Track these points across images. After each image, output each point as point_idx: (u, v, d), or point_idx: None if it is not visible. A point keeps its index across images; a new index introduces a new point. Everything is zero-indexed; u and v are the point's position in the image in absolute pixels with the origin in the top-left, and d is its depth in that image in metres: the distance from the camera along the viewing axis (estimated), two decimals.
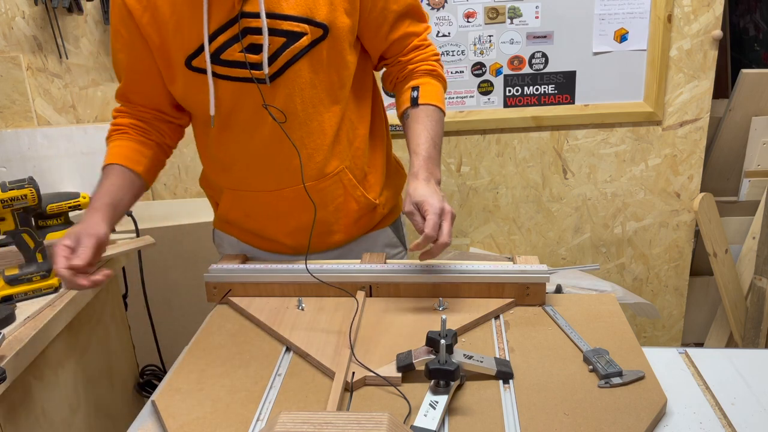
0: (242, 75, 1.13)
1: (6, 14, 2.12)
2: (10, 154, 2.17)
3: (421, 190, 1.10)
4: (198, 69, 1.14)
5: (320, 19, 1.12)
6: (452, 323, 1.06)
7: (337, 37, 1.15)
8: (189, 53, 1.13)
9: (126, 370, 1.56)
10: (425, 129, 1.20)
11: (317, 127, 1.20)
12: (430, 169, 1.16)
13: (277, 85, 1.15)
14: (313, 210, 1.21)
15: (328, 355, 0.99)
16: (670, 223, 2.38)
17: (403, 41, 1.25)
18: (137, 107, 1.25)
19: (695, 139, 2.27)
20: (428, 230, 1.04)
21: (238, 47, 1.11)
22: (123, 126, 1.25)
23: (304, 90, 1.16)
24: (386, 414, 0.75)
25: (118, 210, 1.16)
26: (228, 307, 1.20)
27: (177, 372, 0.99)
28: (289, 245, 1.32)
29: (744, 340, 2.32)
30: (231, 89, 1.15)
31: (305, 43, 1.13)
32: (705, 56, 2.17)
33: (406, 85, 1.25)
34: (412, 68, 1.26)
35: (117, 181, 1.18)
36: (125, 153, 1.22)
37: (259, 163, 1.23)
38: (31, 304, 1.19)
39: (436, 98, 1.24)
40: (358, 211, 1.30)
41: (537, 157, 2.31)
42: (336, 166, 1.24)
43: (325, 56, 1.16)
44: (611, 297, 1.18)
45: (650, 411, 0.85)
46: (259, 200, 1.27)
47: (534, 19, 2.14)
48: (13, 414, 1.06)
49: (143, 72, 1.20)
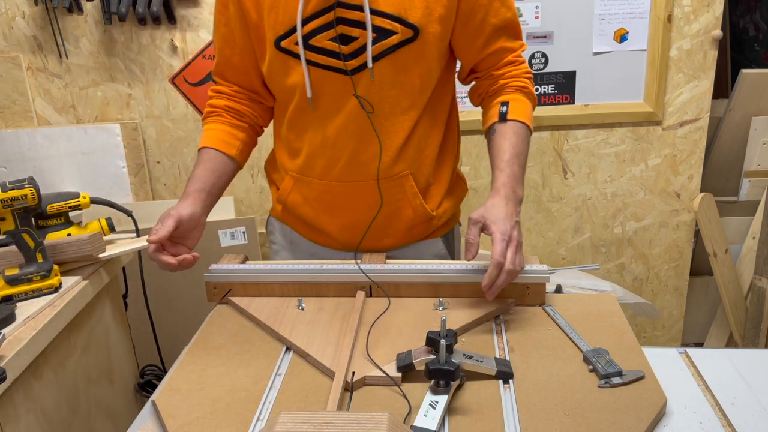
0: (326, 62, 1.14)
1: (6, 14, 2.12)
2: (10, 154, 2.17)
3: (497, 210, 1.08)
4: (286, 50, 1.15)
5: (413, 21, 1.12)
6: (452, 323, 1.06)
7: (427, 41, 1.14)
8: (279, 34, 1.14)
9: (126, 370, 1.56)
10: (511, 146, 1.18)
11: (389, 128, 1.20)
12: (513, 187, 1.14)
13: (358, 79, 1.15)
14: (375, 208, 1.23)
15: (328, 355, 0.99)
16: (670, 223, 2.38)
17: (498, 56, 1.23)
18: (232, 87, 1.28)
19: (695, 139, 2.27)
20: (496, 256, 1.03)
21: (328, 35, 1.12)
22: (218, 108, 1.28)
23: (383, 88, 1.16)
24: (386, 414, 0.75)
25: (211, 193, 1.21)
26: (228, 307, 1.20)
27: (177, 372, 0.99)
28: (340, 240, 1.32)
29: (744, 340, 2.32)
30: (313, 75, 1.16)
31: (393, 41, 1.13)
32: (705, 56, 2.17)
33: (495, 100, 1.24)
34: (503, 83, 1.24)
35: (210, 165, 1.23)
36: (220, 136, 1.25)
37: (328, 152, 1.22)
38: (31, 304, 1.19)
39: (525, 115, 1.22)
40: (413, 219, 1.29)
41: (537, 157, 2.31)
42: (401, 170, 1.24)
43: (411, 59, 1.15)
44: (611, 297, 1.18)
45: (650, 411, 0.85)
46: (320, 189, 1.26)
47: (534, 19, 2.14)
48: (13, 414, 1.06)
49: (241, 48, 1.22)
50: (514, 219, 1.09)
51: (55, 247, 1.30)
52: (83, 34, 2.15)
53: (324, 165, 1.24)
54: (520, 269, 1.06)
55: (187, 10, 2.13)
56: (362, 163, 1.21)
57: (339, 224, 1.29)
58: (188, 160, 2.30)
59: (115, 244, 1.44)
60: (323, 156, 1.23)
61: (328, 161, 1.23)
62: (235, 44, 1.23)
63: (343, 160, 1.22)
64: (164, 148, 2.29)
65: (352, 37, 1.12)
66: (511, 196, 1.12)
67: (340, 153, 1.21)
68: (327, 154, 1.22)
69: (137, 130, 2.23)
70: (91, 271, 1.34)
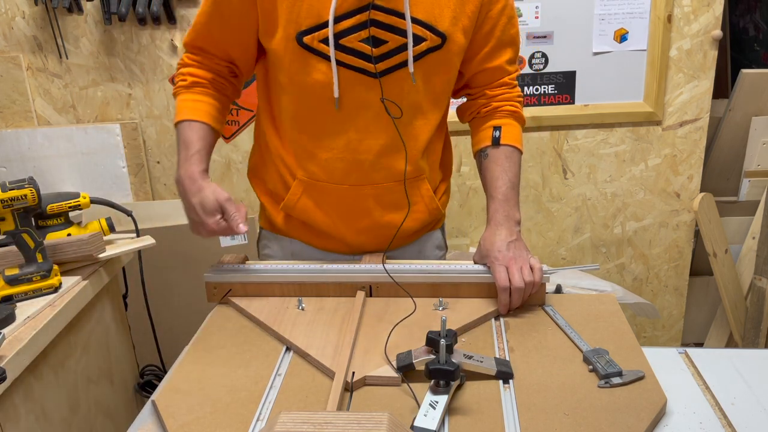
0: (355, 63, 1.13)
1: (6, 14, 2.12)
2: (10, 154, 2.17)
3: (488, 242, 1.18)
4: (308, 47, 1.12)
5: (441, 29, 1.13)
6: (452, 323, 1.07)
7: (451, 50, 1.16)
8: (302, 28, 1.11)
9: (126, 370, 1.56)
10: (504, 171, 1.23)
11: (411, 131, 1.21)
12: (507, 212, 1.20)
13: (384, 83, 1.15)
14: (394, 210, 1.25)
15: (328, 355, 0.99)
16: (670, 223, 2.38)
17: (495, 73, 1.25)
18: (213, 58, 1.23)
19: (695, 139, 2.27)
20: (499, 283, 1.11)
21: (360, 36, 1.11)
22: (203, 79, 1.23)
23: (409, 93, 1.17)
24: (386, 414, 0.75)
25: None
26: (228, 307, 1.20)
27: (177, 372, 0.99)
28: (352, 245, 1.30)
29: (744, 340, 2.32)
30: (339, 75, 1.14)
31: (423, 48, 1.13)
32: (705, 56, 2.17)
33: (488, 123, 1.27)
34: (496, 106, 1.26)
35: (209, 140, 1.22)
36: (209, 111, 1.22)
37: (351, 155, 1.20)
38: (31, 304, 1.19)
39: (517, 139, 1.26)
40: (426, 220, 1.31)
41: (537, 157, 2.31)
42: (419, 173, 1.25)
43: (437, 66, 1.16)
44: (611, 297, 1.18)
45: (650, 411, 0.85)
46: (338, 194, 1.24)
47: (534, 20, 2.14)
48: (13, 414, 1.06)
49: (232, 27, 1.18)
50: (509, 240, 1.16)
51: (55, 247, 1.30)
52: (83, 34, 2.15)
53: (345, 169, 1.21)
54: (530, 279, 1.11)
55: (187, 10, 2.13)
56: (385, 167, 1.21)
57: (356, 228, 1.28)
58: None
59: (115, 244, 1.44)
60: (345, 160, 1.21)
61: (350, 165, 1.21)
62: (233, 15, 1.16)
63: (366, 164, 1.21)
64: (164, 148, 2.29)
65: (382, 41, 1.12)
66: (503, 221, 1.19)
67: (363, 157, 1.20)
68: (350, 158, 1.21)
69: (137, 130, 2.23)
70: (91, 271, 1.34)
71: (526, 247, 1.19)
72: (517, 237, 1.18)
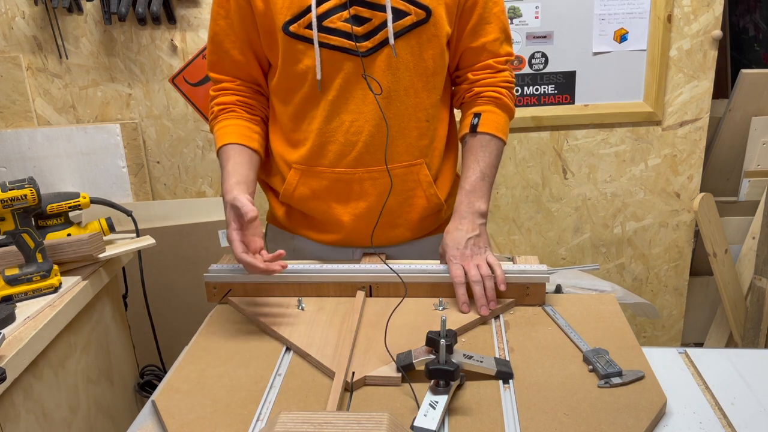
0: (339, 43, 1.13)
1: (6, 14, 2.12)
2: (10, 154, 2.17)
3: (449, 237, 1.18)
4: (294, 35, 1.14)
5: (425, 2, 1.13)
6: (452, 323, 1.07)
7: (437, 23, 1.15)
8: (287, 18, 1.13)
9: (126, 370, 1.56)
10: (476, 161, 1.22)
11: (404, 111, 1.20)
12: (471, 203, 1.19)
13: (372, 60, 1.15)
14: (386, 195, 1.21)
15: (328, 355, 0.99)
16: (670, 223, 2.38)
17: (477, 54, 1.23)
18: (235, 82, 1.26)
19: (695, 139, 2.27)
20: (453, 279, 1.12)
21: (341, 16, 1.12)
22: (229, 105, 1.25)
23: (399, 69, 1.16)
24: (386, 414, 0.75)
25: (249, 185, 1.17)
26: (228, 307, 1.20)
27: (177, 372, 0.99)
28: (351, 232, 1.28)
29: (744, 340, 2.32)
30: (325, 57, 1.15)
31: (408, 22, 1.13)
32: (705, 56, 2.17)
33: (470, 110, 1.25)
34: (478, 92, 1.25)
35: (239, 159, 1.19)
36: (239, 131, 1.23)
37: (342, 137, 1.20)
38: (31, 304, 1.19)
39: (496, 128, 1.23)
40: (426, 209, 1.28)
41: (537, 157, 2.31)
42: (416, 157, 1.24)
43: (424, 40, 1.16)
44: (611, 297, 1.18)
45: (650, 411, 0.85)
46: (332, 178, 1.23)
47: (534, 19, 2.14)
48: (13, 414, 1.06)
49: (241, 41, 1.21)
50: (469, 234, 1.16)
51: (55, 247, 1.30)
52: (83, 34, 2.15)
53: (337, 152, 1.21)
54: (488, 272, 1.12)
55: (187, 10, 2.13)
56: (378, 148, 1.20)
57: (352, 213, 1.26)
58: (188, 160, 2.30)
59: (115, 244, 1.44)
60: (336, 142, 1.20)
61: (341, 147, 1.20)
62: (236, 37, 1.21)
63: (358, 146, 1.20)
64: (164, 148, 2.29)
65: (365, 19, 1.12)
66: (466, 214, 1.19)
67: (355, 138, 1.19)
68: (341, 140, 1.20)
69: (137, 130, 2.23)
70: (91, 271, 1.34)
71: (488, 242, 1.19)
72: (479, 231, 1.17)
